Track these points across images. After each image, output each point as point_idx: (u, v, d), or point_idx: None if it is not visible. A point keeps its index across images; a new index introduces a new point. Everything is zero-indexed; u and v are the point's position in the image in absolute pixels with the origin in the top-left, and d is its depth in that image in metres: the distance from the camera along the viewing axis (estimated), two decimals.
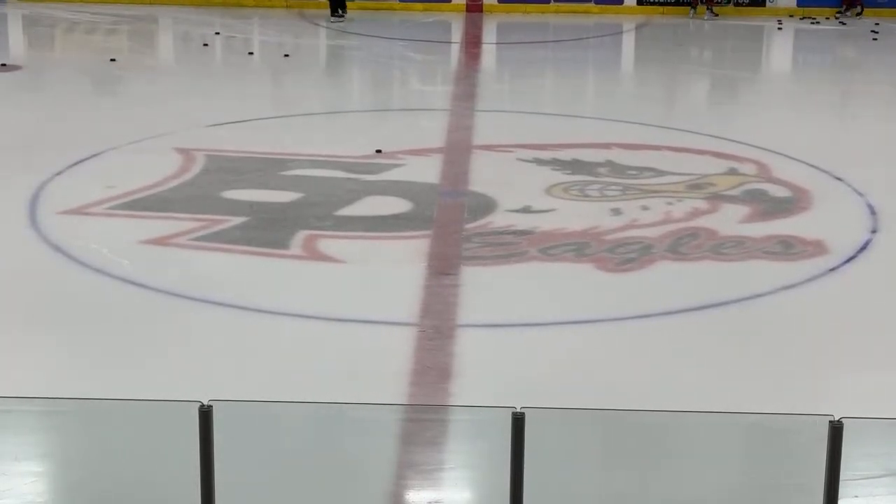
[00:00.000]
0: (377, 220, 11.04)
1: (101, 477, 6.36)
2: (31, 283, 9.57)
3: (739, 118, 15.09)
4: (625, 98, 16.67)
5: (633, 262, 10.16)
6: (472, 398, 7.71)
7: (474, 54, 19.95)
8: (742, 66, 19.13)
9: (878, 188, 12.03)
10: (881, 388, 8.13)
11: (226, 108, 14.52)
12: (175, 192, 11.60)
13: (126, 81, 15.59)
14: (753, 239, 10.66)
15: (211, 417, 5.42)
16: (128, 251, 10.13)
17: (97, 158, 12.53)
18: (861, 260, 10.34)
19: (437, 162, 12.81)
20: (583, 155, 13.04)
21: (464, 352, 8.53)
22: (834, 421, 5.37)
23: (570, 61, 19.22)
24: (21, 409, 6.61)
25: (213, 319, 9.00)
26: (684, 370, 8.30)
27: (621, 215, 11.21)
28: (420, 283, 9.65)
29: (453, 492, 6.73)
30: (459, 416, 7.38)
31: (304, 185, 11.93)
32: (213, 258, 10.18)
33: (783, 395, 7.91)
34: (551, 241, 10.56)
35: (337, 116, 14.63)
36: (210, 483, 5.49)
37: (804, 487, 5.89)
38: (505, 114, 15.30)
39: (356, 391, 7.72)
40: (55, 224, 10.73)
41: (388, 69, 17.93)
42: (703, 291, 9.59)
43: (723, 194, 11.88)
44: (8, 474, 6.39)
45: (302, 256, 10.24)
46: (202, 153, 12.69)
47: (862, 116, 16.05)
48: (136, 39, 20.13)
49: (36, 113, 13.89)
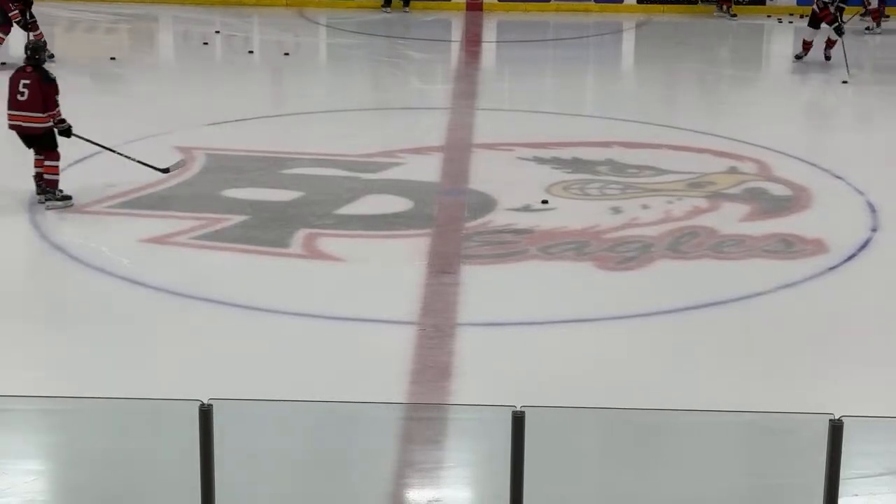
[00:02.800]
0: (377, 218, 11.04)
1: (101, 476, 6.37)
2: (31, 281, 9.57)
3: (739, 117, 15.08)
4: (625, 96, 16.66)
5: (633, 260, 10.16)
6: (473, 397, 7.71)
7: (474, 53, 19.95)
8: (742, 64, 19.12)
9: (878, 187, 12.02)
10: (881, 386, 8.14)
11: (226, 107, 14.51)
12: (175, 191, 11.59)
13: (126, 80, 15.58)
14: (753, 237, 10.66)
15: (211, 417, 5.42)
16: (128, 250, 10.13)
17: (97, 157, 12.52)
18: (861, 258, 10.34)
19: (437, 160, 12.81)
20: (583, 153, 13.04)
21: (464, 350, 8.53)
22: (834, 420, 5.37)
23: (570, 60, 19.21)
24: (21, 408, 6.61)
25: (213, 318, 9.00)
26: (684, 369, 8.30)
27: (621, 214, 11.21)
28: (420, 282, 9.65)
29: (453, 490, 6.74)
30: (459, 414, 7.39)
31: (304, 183, 11.92)
32: (213, 257, 10.18)
33: (783, 394, 7.91)
34: (551, 239, 10.56)
35: (337, 115, 14.63)
36: (210, 482, 5.50)
37: (804, 486, 5.89)
38: (505, 112, 15.30)
39: (356, 390, 7.72)
40: (55, 223, 10.73)
41: (389, 67, 17.92)
42: (703, 290, 9.59)
43: (723, 193, 11.88)
44: (8, 473, 6.40)
45: (302, 255, 10.24)
46: (202, 152, 12.69)
47: (862, 115, 16.03)
48: (136, 38, 20.13)
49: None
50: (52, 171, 11.10)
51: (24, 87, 10.94)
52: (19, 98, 10.95)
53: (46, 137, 11.06)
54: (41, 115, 10.96)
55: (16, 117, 11.03)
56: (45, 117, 10.96)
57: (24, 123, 11.01)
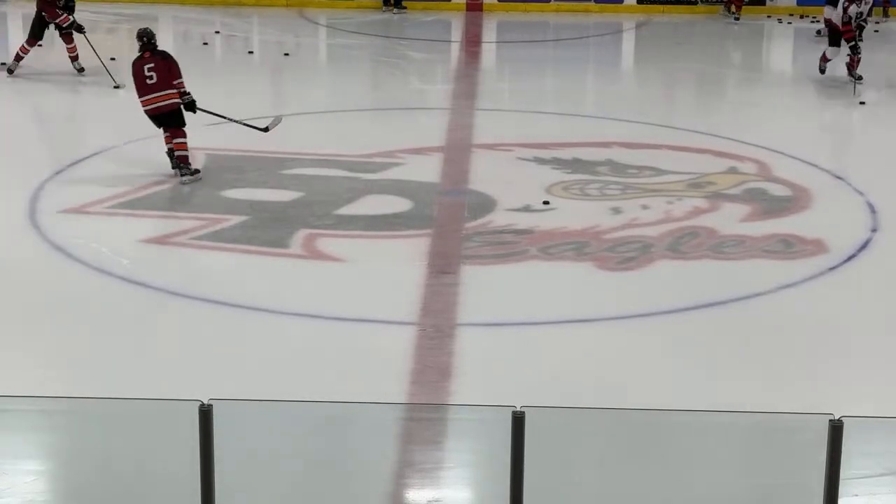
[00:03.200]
0: (377, 218, 11.04)
1: (101, 476, 6.36)
2: (32, 281, 9.57)
3: (739, 117, 15.08)
4: (625, 97, 16.66)
5: (633, 260, 10.16)
6: (473, 397, 7.71)
7: (474, 53, 19.95)
8: (742, 64, 19.12)
9: (878, 187, 12.02)
10: (881, 386, 8.14)
11: (226, 107, 14.49)
12: (175, 191, 11.60)
13: (126, 80, 15.52)
14: (753, 238, 10.66)
15: (211, 417, 5.42)
16: (128, 250, 10.13)
17: (97, 157, 12.53)
18: (861, 259, 10.34)
19: (437, 161, 12.81)
20: (583, 154, 13.04)
21: (464, 351, 8.53)
22: (834, 420, 5.37)
23: (570, 60, 19.21)
24: (21, 409, 6.61)
25: (213, 319, 9.00)
26: (684, 369, 8.30)
27: (621, 214, 11.21)
28: (420, 282, 9.65)
29: (453, 491, 6.73)
30: (459, 415, 7.38)
31: (304, 183, 11.93)
32: (213, 257, 10.18)
33: (783, 394, 7.91)
34: (551, 240, 10.56)
35: (337, 115, 14.62)
36: (210, 482, 5.50)
37: (804, 487, 5.89)
38: (505, 113, 15.30)
39: (356, 390, 7.72)
40: (55, 223, 10.73)
41: (389, 68, 17.91)
42: (702, 290, 9.59)
43: (723, 193, 11.88)
44: (8, 473, 6.39)
45: (302, 255, 10.24)
46: (202, 152, 12.68)
47: (863, 115, 16.03)
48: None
49: (37, 111, 13.89)
50: (182, 147, 11.90)
51: (150, 72, 11.80)
52: (149, 82, 11.81)
53: (177, 115, 11.90)
54: (172, 91, 11.85)
55: (151, 100, 11.86)
56: (175, 93, 11.85)
57: (161, 103, 11.85)
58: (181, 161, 11.85)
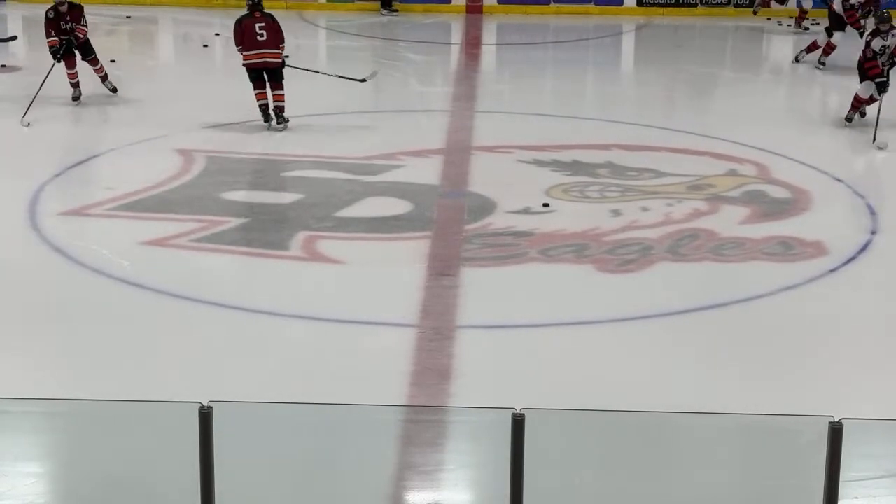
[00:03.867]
0: (377, 221, 11.05)
1: (101, 478, 6.37)
2: (32, 283, 9.57)
3: (739, 119, 15.08)
4: (625, 99, 16.66)
5: (633, 263, 10.16)
6: (473, 399, 7.71)
7: (474, 55, 19.95)
8: (742, 66, 19.12)
9: (877, 190, 12.03)
10: (881, 388, 8.14)
11: (226, 110, 14.51)
12: (175, 193, 11.60)
13: (126, 82, 15.57)
14: (753, 240, 10.67)
15: (211, 419, 5.42)
16: (128, 252, 10.13)
17: (97, 159, 12.54)
18: (861, 261, 10.34)
19: (437, 163, 12.82)
20: (583, 156, 13.04)
21: (464, 353, 8.54)
22: (834, 422, 5.38)
23: (569, 62, 19.22)
24: (21, 411, 6.61)
25: (213, 321, 9.00)
26: (684, 371, 8.30)
27: (621, 216, 11.22)
28: (420, 285, 9.65)
29: (453, 493, 6.74)
30: (459, 417, 7.39)
31: (303, 186, 11.93)
32: (213, 259, 10.19)
33: (783, 395, 7.91)
34: (551, 242, 10.57)
35: (337, 117, 14.63)
36: (210, 484, 5.50)
37: (804, 489, 5.89)
38: (505, 115, 15.30)
39: (356, 392, 7.72)
40: (56, 225, 10.74)
41: (389, 70, 17.91)
42: (702, 292, 9.60)
43: (722, 195, 11.89)
44: (8, 475, 6.40)
45: (302, 257, 10.25)
46: (202, 154, 12.69)
47: (863, 117, 16.03)
48: (136, 40, 20.13)
49: (36, 113, 13.88)
50: (281, 98, 13.64)
51: (260, 30, 13.40)
52: (259, 39, 13.40)
53: (279, 71, 13.56)
54: (278, 51, 13.53)
55: (260, 55, 13.49)
56: (280, 52, 13.54)
57: (269, 59, 13.51)
58: (279, 111, 13.55)
